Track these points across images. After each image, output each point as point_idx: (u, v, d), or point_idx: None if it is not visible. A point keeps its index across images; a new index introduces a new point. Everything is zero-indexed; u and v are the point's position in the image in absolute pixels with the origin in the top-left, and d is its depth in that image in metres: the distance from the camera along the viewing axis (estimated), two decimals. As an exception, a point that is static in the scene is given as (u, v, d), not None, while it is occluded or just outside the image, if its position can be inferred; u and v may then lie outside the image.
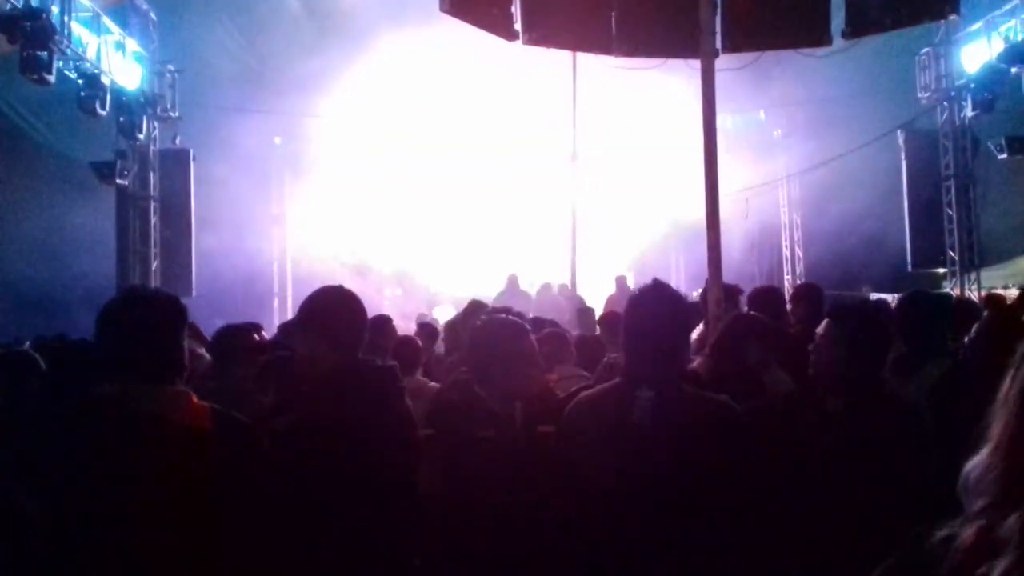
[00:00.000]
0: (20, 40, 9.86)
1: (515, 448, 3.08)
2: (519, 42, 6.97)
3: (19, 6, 9.86)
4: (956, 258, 14.48)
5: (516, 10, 6.85)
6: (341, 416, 2.65)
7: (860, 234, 16.75)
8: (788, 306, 6.12)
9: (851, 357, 2.99)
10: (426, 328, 8.15)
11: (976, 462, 1.18)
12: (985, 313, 4.86)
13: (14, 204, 12.66)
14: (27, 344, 5.51)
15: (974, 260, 14.44)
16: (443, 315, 13.68)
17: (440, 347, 7.22)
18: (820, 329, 3.14)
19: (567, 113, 12.72)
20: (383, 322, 6.03)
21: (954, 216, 14.45)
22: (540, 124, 16.63)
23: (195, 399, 2.40)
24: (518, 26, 6.89)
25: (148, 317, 2.37)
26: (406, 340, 6.09)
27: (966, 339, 4.43)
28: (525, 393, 3.20)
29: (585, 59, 10.68)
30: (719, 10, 6.92)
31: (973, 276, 14.39)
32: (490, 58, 12.71)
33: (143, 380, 2.32)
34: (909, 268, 15.04)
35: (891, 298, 11.24)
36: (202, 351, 5.60)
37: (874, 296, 12.95)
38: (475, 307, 6.45)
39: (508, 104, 16.96)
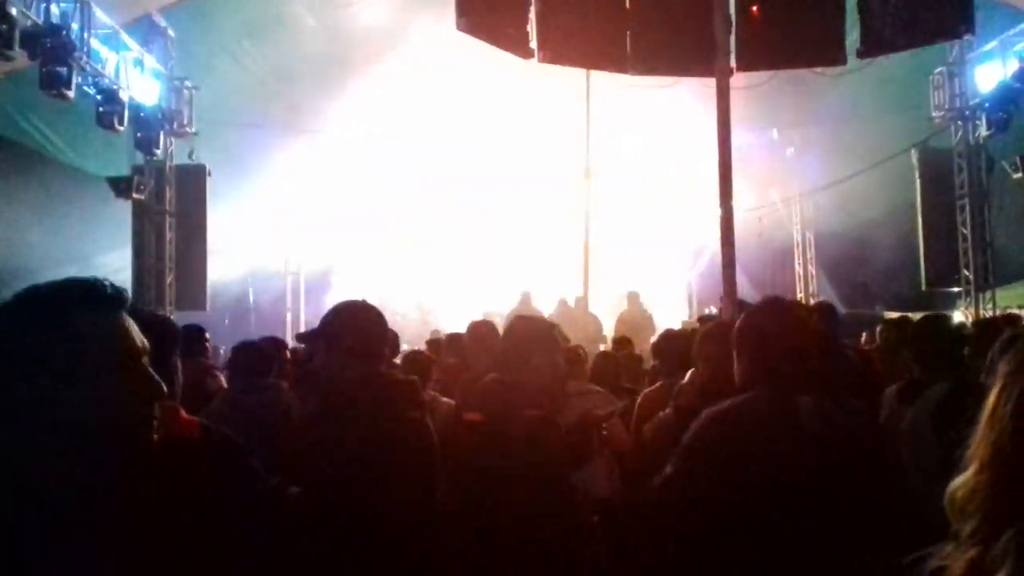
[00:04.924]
0: (40, 56, 9.96)
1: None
2: (534, 60, 7.02)
3: (40, 23, 9.97)
4: (971, 277, 14.40)
5: (531, 28, 6.90)
6: (364, 429, 2.67)
7: (874, 253, 16.71)
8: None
9: None
10: (436, 345, 8.12)
11: (961, 482, 1.17)
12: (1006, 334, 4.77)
13: (31, 218, 12.75)
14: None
15: (989, 279, 14.36)
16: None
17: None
18: None
19: (581, 130, 12.78)
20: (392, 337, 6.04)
21: (968, 235, 14.38)
22: (553, 141, 16.69)
23: (184, 413, 2.39)
24: (533, 44, 6.94)
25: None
26: (417, 354, 6.10)
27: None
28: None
29: (599, 76, 10.73)
30: (734, 29, 6.95)
31: (988, 295, 14.32)
32: (504, 75, 12.77)
33: None
34: (923, 287, 14.97)
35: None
36: (218, 372, 5.66)
37: (889, 315, 12.88)
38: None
39: (521, 121, 17.02)
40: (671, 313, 16.69)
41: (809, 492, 2.56)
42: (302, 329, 17.37)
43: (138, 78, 12.67)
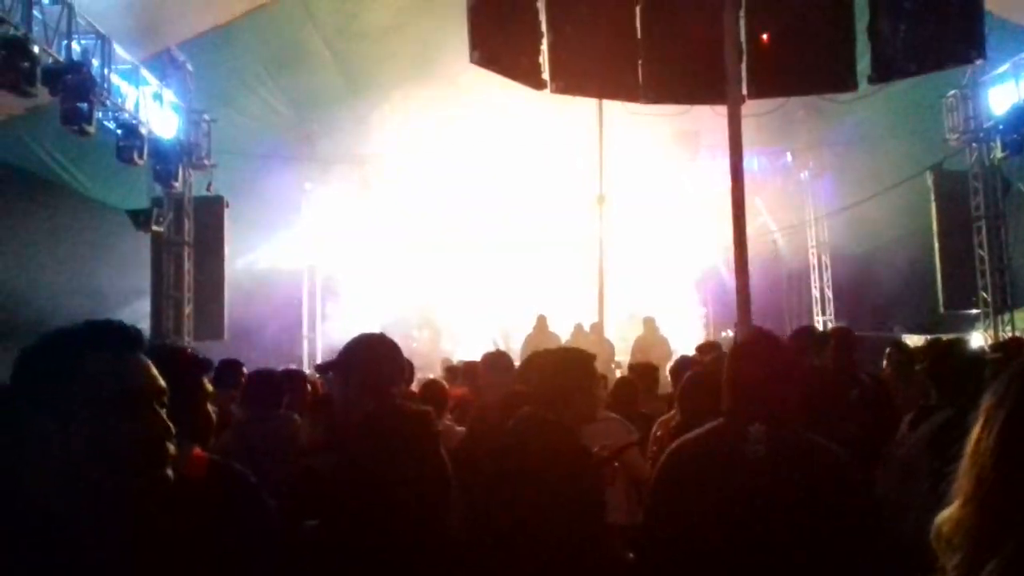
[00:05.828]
0: (61, 92, 10.13)
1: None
2: (547, 91, 7.09)
3: (61, 60, 10.16)
4: (988, 299, 14.33)
5: (544, 60, 6.97)
6: (378, 459, 2.70)
7: (890, 276, 16.63)
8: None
9: None
10: (453, 373, 8.17)
11: (947, 516, 1.19)
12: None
13: (52, 251, 12.91)
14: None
15: (1007, 301, 14.27)
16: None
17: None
18: None
19: (594, 156, 12.85)
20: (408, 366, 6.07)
21: (985, 257, 14.32)
22: (567, 167, 16.77)
23: (197, 450, 2.39)
24: (546, 75, 7.01)
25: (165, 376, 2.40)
26: (433, 383, 6.12)
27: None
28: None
29: (612, 104, 10.79)
30: (745, 57, 7.01)
31: (1006, 317, 14.22)
32: (519, 103, 12.87)
33: None
34: (941, 309, 14.89)
35: (922, 339, 11.14)
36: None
37: (908, 338, 12.81)
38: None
39: (536, 148, 17.13)
40: (688, 338, 16.65)
41: (757, 515, 2.58)
42: (318, 357, 17.46)
43: (157, 112, 12.85)
